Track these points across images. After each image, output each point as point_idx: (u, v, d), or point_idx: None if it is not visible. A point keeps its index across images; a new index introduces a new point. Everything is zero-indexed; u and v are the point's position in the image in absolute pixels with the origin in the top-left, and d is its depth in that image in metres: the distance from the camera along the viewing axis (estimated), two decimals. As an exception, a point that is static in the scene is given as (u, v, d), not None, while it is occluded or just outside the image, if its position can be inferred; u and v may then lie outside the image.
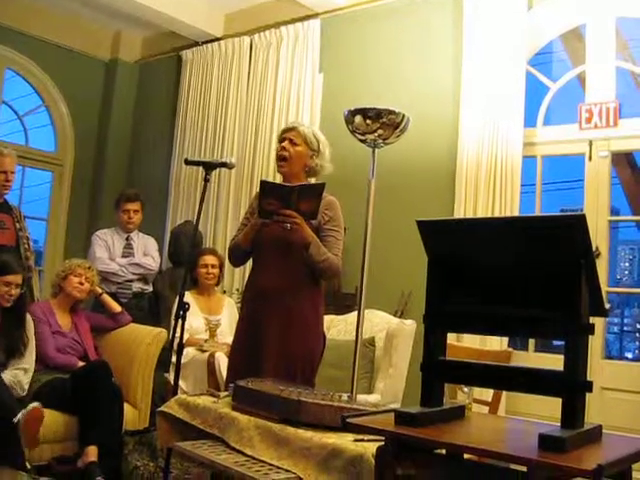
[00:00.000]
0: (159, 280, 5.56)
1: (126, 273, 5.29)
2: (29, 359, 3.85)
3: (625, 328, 16.01)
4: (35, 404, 3.52)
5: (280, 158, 3.32)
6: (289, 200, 3.01)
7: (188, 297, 4.68)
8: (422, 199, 5.18)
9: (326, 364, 3.76)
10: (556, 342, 1.84)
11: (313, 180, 3.52)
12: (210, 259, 5.04)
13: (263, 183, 3.10)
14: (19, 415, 3.40)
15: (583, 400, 1.75)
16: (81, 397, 3.76)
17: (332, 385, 3.51)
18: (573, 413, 1.72)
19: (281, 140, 3.35)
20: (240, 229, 3.41)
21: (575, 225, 1.73)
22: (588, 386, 1.74)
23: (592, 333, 1.76)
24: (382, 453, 1.96)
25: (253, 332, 3.20)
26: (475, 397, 3.21)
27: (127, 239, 5.43)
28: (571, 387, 1.72)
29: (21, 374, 3.76)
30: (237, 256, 3.39)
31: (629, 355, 15.09)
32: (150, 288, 5.48)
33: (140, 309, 5.27)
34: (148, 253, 5.47)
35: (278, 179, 3.52)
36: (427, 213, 4.75)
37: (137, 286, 5.37)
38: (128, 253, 5.39)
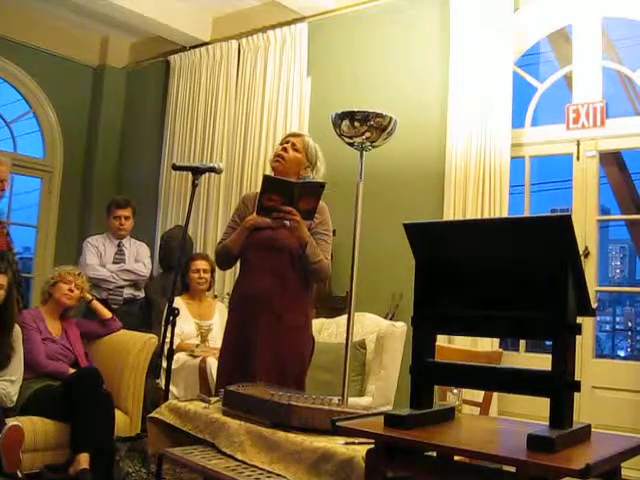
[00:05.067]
0: (150, 286, 5.54)
1: (117, 279, 5.27)
2: (17, 369, 3.82)
3: (617, 326, 16.08)
4: (14, 423, 3.50)
5: (277, 156, 3.36)
6: (291, 196, 3.04)
7: (179, 302, 4.68)
8: (411, 201, 5.19)
9: (317, 367, 3.76)
10: (547, 342, 1.84)
11: None
12: (202, 264, 5.04)
13: (266, 177, 3.11)
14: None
15: (571, 400, 1.75)
16: (72, 404, 3.74)
17: (324, 388, 3.51)
18: (561, 413, 1.72)
19: (284, 142, 3.39)
20: (228, 232, 3.41)
21: (561, 226, 1.73)
22: (576, 386, 1.74)
23: (579, 333, 1.76)
24: (372, 456, 1.96)
25: (243, 336, 3.21)
26: (466, 398, 3.22)
27: (119, 245, 5.42)
28: (559, 387, 1.72)
29: (8, 385, 3.74)
30: (225, 260, 3.40)
31: (621, 353, 15.15)
32: (141, 294, 5.46)
33: (131, 315, 5.26)
34: (140, 259, 5.44)
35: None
36: (416, 215, 4.75)
37: (128, 292, 5.35)
38: (119, 259, 5.37)
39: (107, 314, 4.56)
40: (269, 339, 3.16)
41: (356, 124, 3.08)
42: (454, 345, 4.20)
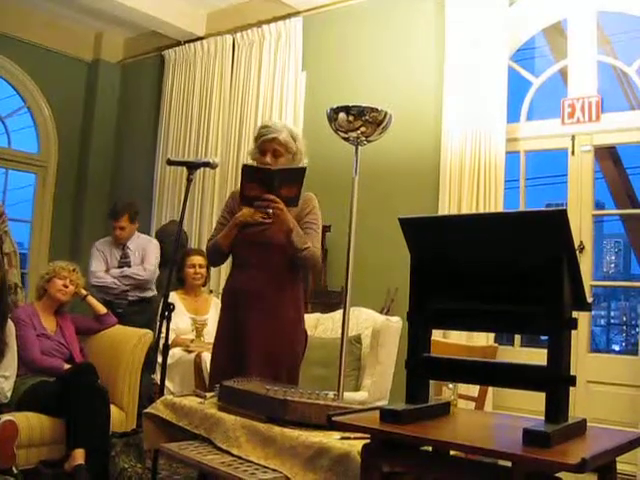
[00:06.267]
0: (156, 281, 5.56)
1: (119, 285, 5.29)
2: (10, 365, 3.81)
3: (612, 321, 16.11)
4: (7, 417, 3.50)
5: None
6: (271, 184, 3.00)
7: (174, 297, 4.68)
8: (406, 196, 5.19)
9: (313, 362, 3.76)
10: (543, 336, 1.84)
11: None
12: (197, 259, 5.04)
13: (245, 167, 3.08)
14: None
15: (567, 394, 1.75)
16: (67, 400, 3.73)
17: (319, 383, 3.51)
18: (557, 407, 1.72)
19: (263, 151, 3.24)
20: (218, 229, 3.38)
21: (556, 221, 1.73)
22: (571, 380, 1.74)
23: (575, 328, 1.76)
24: (368, 451, 1.96)
25: (235, 331, 3.19)
26: (461, 393, 3.22)
27: (123, 248, 5.44)
28: (554, 381, 1.72)
29: (2, 381, 3.73)
30: (216, 256, 3.37)
31: (616, 347, 15.18)
32: (150, 294, 5.45)
33: (142, 313, 5.26)
34: (145, 259, 5.44)
35: None
36: (412, 210, 4.75)
37: (133, 294, 5.35)
38: (124, 263, 5.39)
39: (102, 309, 4.55)
40: (261, 334, 3.14)
41: (351, 119, 3.07)
42: (449, 340, 4.21)
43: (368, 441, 1.97)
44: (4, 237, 4.84)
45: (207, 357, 4.37)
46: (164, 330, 3.40)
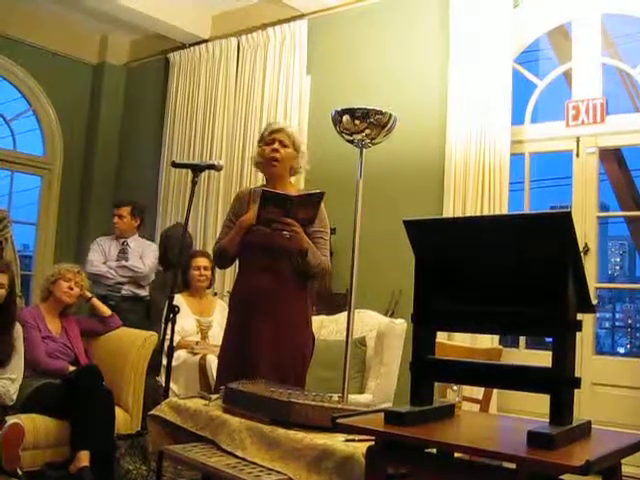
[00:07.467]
0: (150, 283, 5.55)
1: (115, 276, 5.29)
2: (17, 367, 3.82)
3: (617, 323, 16.09)
4: (14, 420, 3.51)
5: (273, 159, 3.30)
6: (289, 209, 3.02)
7: (179, 299, 4.68)
8: (411, 198, 5.19)
9: (317, 365, 3.76)
10: (547, 338, 1.84)
11: (303, 184, 3.50)
12: (202, 261, 5.05)
13: (265, 192, 3.09)
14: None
15: (571, 396, 1.75)
16: (72, 402, 3.74)
17: (324, 386, 3.51)
18: (561, 409, 1.72)
19: (270, 141, 3.32)
20: (224, 232, 3.39)
21: (561, 222, 1.73)
22: (576, 382, 1.74)
23: (579, 330, 1.76)
24: (372, 453, 1.96)
25: (243, 335, 3.20)
26: (466, 395, 3.22)
27: (123, 244, 5.45)
28: (559, 383, 1.72)
29: (8, 384, 3.74)
30: (223, 260, 3.38)
31: (621, 350, 15.16)
32: (143, 293, 5.47)
33: (135, 313, 5.27)
34: (143, 257, 5.46)
35: (261, 180, 3.50)
36: (416, 212, 4.75)
37: (128, 289, 5.36)
38: (122, 257, 5.41)
39: (106, 311, 4.56)
40: (269, 338, 3.15)
41: (356, 121, 3.07)
42: (454, 342, 4.20)
43: (372, 443, 1.98)
44: (4, 243, 4.84)
45: (212, 359, 4.38)
46: (169, 332, 3.40)
